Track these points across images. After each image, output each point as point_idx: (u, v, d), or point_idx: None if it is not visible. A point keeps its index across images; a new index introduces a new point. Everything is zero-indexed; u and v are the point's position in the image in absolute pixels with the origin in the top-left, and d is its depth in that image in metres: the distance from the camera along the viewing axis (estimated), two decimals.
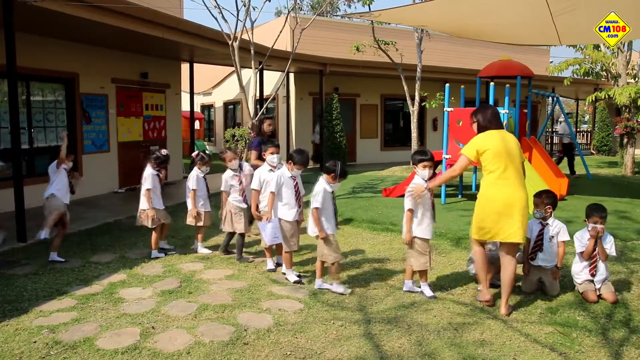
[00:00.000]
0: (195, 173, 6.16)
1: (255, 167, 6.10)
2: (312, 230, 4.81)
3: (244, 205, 5.87)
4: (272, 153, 5.49)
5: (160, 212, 6.05)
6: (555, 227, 4.77)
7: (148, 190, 5.88)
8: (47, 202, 5.72)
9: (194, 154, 6.35)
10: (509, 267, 4.27)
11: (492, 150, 4.27)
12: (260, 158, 6.21)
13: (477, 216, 4.35)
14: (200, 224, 6.17)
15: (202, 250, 6.19)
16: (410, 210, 4.59)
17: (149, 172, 5.95)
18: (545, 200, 4.78)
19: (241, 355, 3.52)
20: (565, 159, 13.65)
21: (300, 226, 5.33)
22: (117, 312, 4.27)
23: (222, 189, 6.04)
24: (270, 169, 5.43)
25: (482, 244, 4.47)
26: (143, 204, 5.92)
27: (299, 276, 5.12)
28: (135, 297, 4.66)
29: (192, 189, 6.08)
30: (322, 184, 4.77)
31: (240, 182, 6.01)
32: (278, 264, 5.57)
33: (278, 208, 5.11)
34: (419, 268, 4.65)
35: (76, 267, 5.55)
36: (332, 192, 4.81)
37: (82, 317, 4.17)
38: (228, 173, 6.03)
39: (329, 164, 4.78)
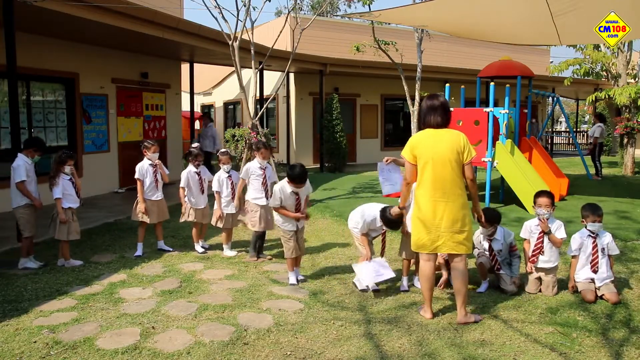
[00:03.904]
0: (218, 174, 6.13)
1: None
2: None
3: (263, 202, 5.75)
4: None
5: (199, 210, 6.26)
6: (554, 227, 4.77)
7: (182, 188, 6.20)
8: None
9: (219, 152, 6.32)
10: (460, 278, 4.09)
11: (420, 155, 4.03)
12: None
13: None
14: (220, 225, 6.10)
15: (227, 253, 6.11)
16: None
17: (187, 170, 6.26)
18: (551, 201, 4.77)
19: (241, 355, 3.52)
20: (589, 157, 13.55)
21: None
22: (117, 312, 4.26)
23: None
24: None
25: (433, 259, 4.18)
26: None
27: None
28: (136, 297, 4.66)
29: (216, 191, 6.07)
30: None
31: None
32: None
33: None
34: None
35: (76, 267, 5.56)
36: None
37: (82, 317, 4.17)
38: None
39: None
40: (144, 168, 6.05)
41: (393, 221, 4.69)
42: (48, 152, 8.82)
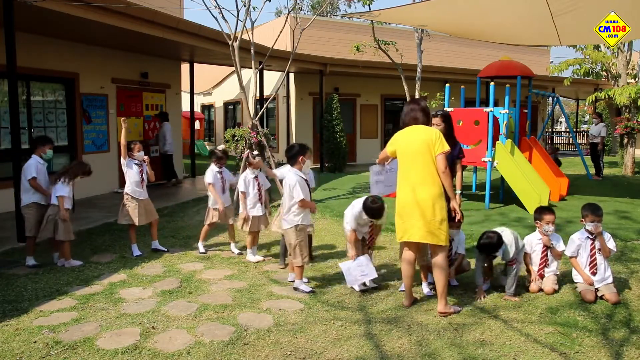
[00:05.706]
0: (244, 174, 5.99)
1: None
2: None
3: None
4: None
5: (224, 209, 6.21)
6: (554, 240, 4.84)
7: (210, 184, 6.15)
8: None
9: (244, 154, 6.24)
10: (437, 270, 4.24)
11: (399, 149, 4.37)
12: None
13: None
14: (246, 228, 5.86)
15: (251, 257, 5.91)
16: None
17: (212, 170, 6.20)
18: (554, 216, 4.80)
19: (241, 355, 3.52)
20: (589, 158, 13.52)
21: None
22: (117, 312, 4.27)
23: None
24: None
25: (412, 248, 4.40)
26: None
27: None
28: (136, 297, 4.66)
29: (242, 192, 5.88)
30: None
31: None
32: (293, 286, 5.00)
33: None
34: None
35: (76, 267, 5.56)
36: None
37: (82, 317, 4.17)
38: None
39: None
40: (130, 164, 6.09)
41: (373, 209, 4.73)
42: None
